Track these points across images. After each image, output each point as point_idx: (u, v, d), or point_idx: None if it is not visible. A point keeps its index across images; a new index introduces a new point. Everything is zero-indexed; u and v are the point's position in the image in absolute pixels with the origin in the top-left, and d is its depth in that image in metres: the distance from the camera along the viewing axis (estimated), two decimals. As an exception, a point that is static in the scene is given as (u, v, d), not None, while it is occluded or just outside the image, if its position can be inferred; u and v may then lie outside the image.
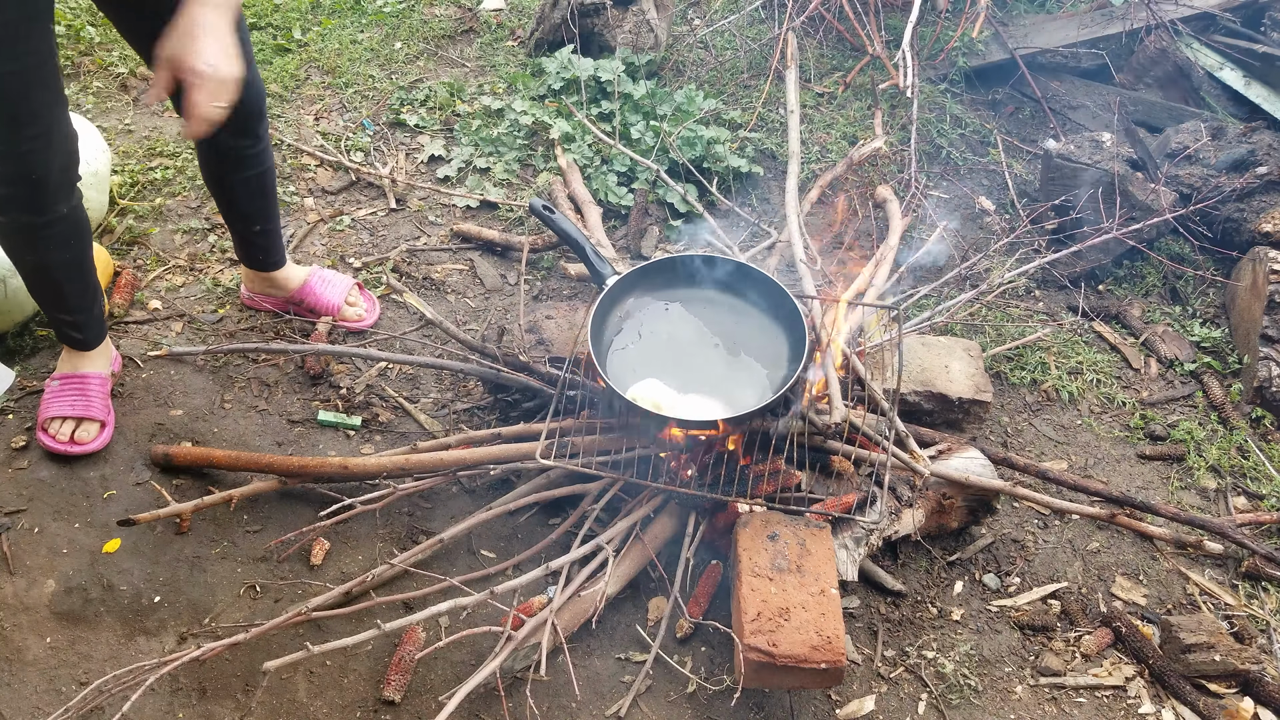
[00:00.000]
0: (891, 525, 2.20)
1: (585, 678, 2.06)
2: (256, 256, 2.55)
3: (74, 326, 2.28)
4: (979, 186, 3.39)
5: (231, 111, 2.02)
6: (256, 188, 2.36)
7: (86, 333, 2.31)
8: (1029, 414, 2.74)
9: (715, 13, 3.94)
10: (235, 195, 2.38)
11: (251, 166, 2.30)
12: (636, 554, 2.17)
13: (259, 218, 2.44)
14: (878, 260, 2.78)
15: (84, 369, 2.34)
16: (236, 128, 2.19)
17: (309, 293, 2.64)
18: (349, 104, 3.43)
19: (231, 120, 2.14)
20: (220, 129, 2.15)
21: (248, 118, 2.18)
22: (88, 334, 2.31)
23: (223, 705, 1.96)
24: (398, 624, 1.87)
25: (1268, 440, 2.72)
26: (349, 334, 2.69)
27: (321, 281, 2.67)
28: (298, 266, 2.67)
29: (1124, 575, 2.38)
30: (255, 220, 2.44)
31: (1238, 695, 2.15)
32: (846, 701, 2.09)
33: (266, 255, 2.55)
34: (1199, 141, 3.18)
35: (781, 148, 3.33)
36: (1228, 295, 3.01)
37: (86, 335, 2.31)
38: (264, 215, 2.44)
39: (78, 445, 2.30)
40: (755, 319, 2.31)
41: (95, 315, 2.30)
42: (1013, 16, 3.86)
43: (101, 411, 2.34)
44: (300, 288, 2.63)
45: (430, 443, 2.32)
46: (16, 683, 1.96)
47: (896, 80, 3.29)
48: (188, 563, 2.17)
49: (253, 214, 2.43)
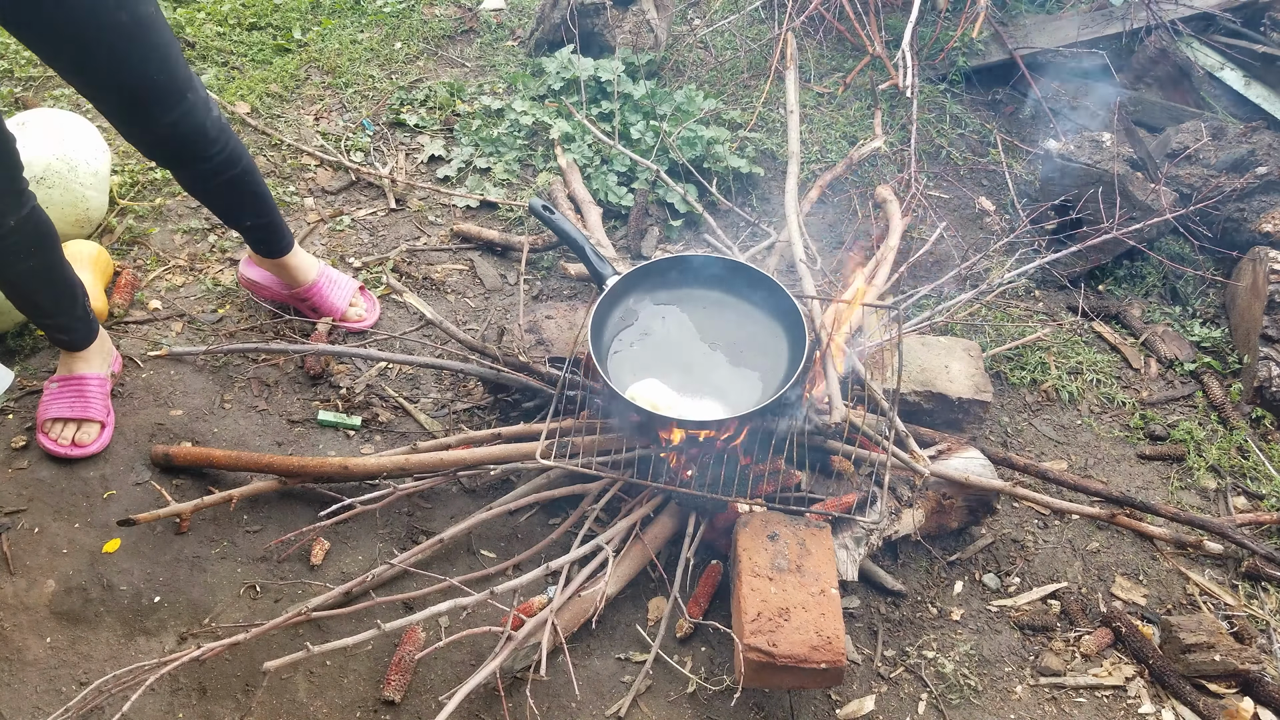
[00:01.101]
0: (891, 525, 2.20)
1: (585, 678, 2.06)
2: (259, 246, 2.54)
3: (58, 329, 2.28)
4: (979, 186, 3.39)
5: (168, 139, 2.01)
6: (238, 187, 2.30)
7: (73, 334, 2.30)
8: (1029, 414, 2.74)
9: (715, 13, 3.94)
10: (216, 199, 2.35)
11: (220, 172, 2.20)
12: (636, 554, 2.17)
13: (251, 214, 2.41)
14: (878, 260, 2.78)
15: (81, 370, 2.33)
16: (189, 155, 2.12)
17: (317, 293, 2.63)
18: (349, 104, 3.43)
19: (172, 146, 2.09)
20: (175, 157, 2.11)
21: (194, 142, 2.09)
22: (74, 335, 2.30)
23: (223, 705, 1.96)
24: (398, 624, 1.87)
25: (1268, 440, 2.72)
26: (348, 334, 2.69)
27: (330, 283, 2.66)
28: (310, 258, 2.64)
29: (1124, 575, 2.38)
30: (247, 217, 2.42)
31: (1238, 695, 2.15)
32: (846, 701, 2.09)
33: (269, 245, 2.53)
34: (1199, 141, 3.18)
35: (781, 148, 3.33)
36: (1228, 295, 3.01)
37: (73, 336, 2.30)
38: (257, 210, 2.41)
39: (78, 448, 2.30)
40: (755, 319, 2.31)
41: (78, 315, 2.28)
42: (1013, 16, 3.86)
43: (101, 412, 2.33)
44: (310, 285, 2.62)
45: (430, 443, 2.32)
46: (16, 683, 1.96)
47: (896, 80, 3.29)
48: (188, 563, 2.17)
49: (242, 212, 2.40)
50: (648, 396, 2.12)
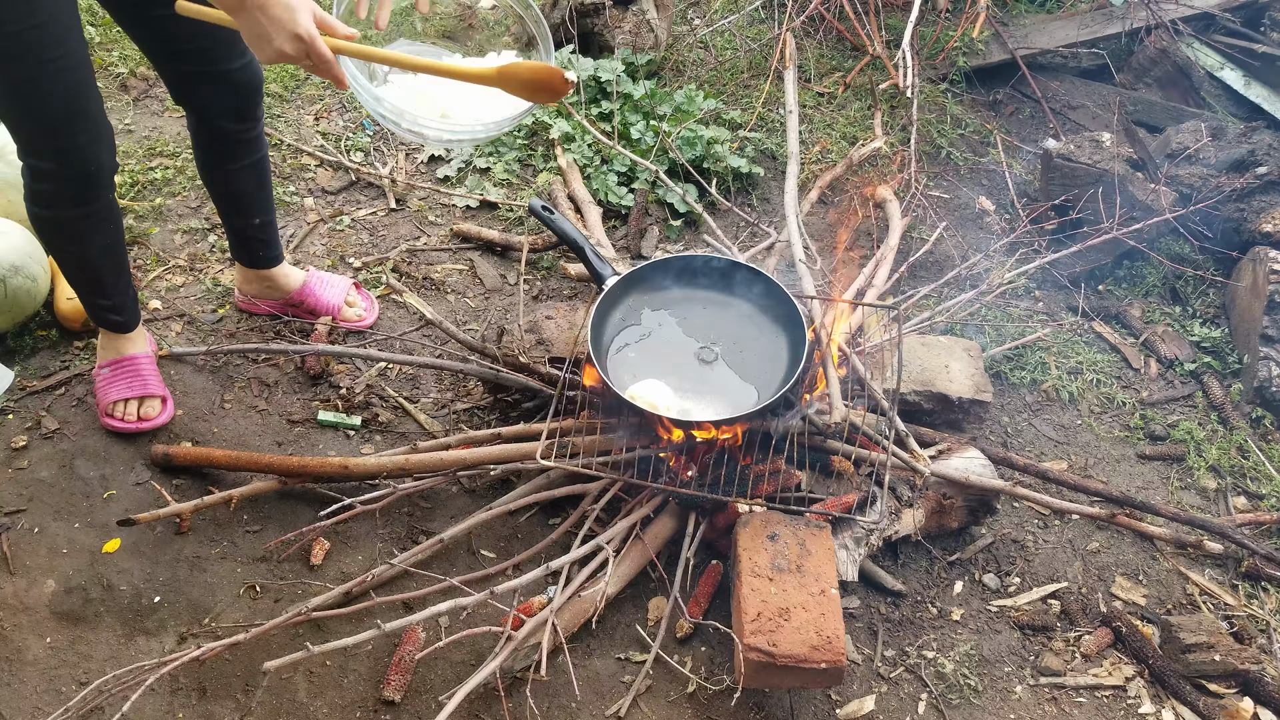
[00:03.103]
0: (892, 525, 2.20)
1: (585, 678, 2.06)
2: (256, 252, 2.54)
3: (114, 310, 2.32)
4: (979, 186, 3.39)
5: (231, 91, 2.07)
6: (255, 176, 2.36)
7: (126, 314, 2.35)
8: (1029, 414, 2.74)
9: (715, 13, 3.94)
10: (235, 187, 2.37)
11: (250, 153, 2.30)
12: (636, 554, 2.17)
13: (259, 209, 2.44)
14: (878, 260, 2.78)
15: (129, 351, 2.38)
16: (237, 110, 2.22)
17: (308, 293, 2.64)
18: (349, 104, 3.43)
19: (231, 100, 2.16)
20: (220, 113, 2.17)
21: (250, 95, 2.20)
22: (127, 315, 2.35)
23: (223, 705, 1.96)
24: (398, 624, 1.87)
25: (1268, 440, 2.72)
26: (348, 334, 2.69)
27: (320, 282, 2.67)
28: (293, 268, 2.66)
29: (1124, 575, 2.38)
30: (255, 212, 2.44)
31: (1238, 695, 2.15)
32: (846, 701, 2.09)
33: (266, 250, 2.54)
34: (1199, 141, 3.18)
35: (781, 148, 3.33)
36: (1228, 295, 3.01)
37: (126, 317, 2.35)
38: (264, 207, 2.44)
39: (146, 421, 2.35)
40: (755, 319, 2.31)
41: (132, 297, 2.35)
42: (1013, 16, 3.87)
43: (159, 388, 2.39)
44: (300, 289, 2.63)
45: (430, 443, 2.32)
46: (16, 683, 1.96)
47: (896, 80, 3.29)
48: (188, 563, 2.17)
49: (253, 206, 2.42)
50: (648, 397, 2.12)
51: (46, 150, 1.96)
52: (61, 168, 1.98)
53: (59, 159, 1.97)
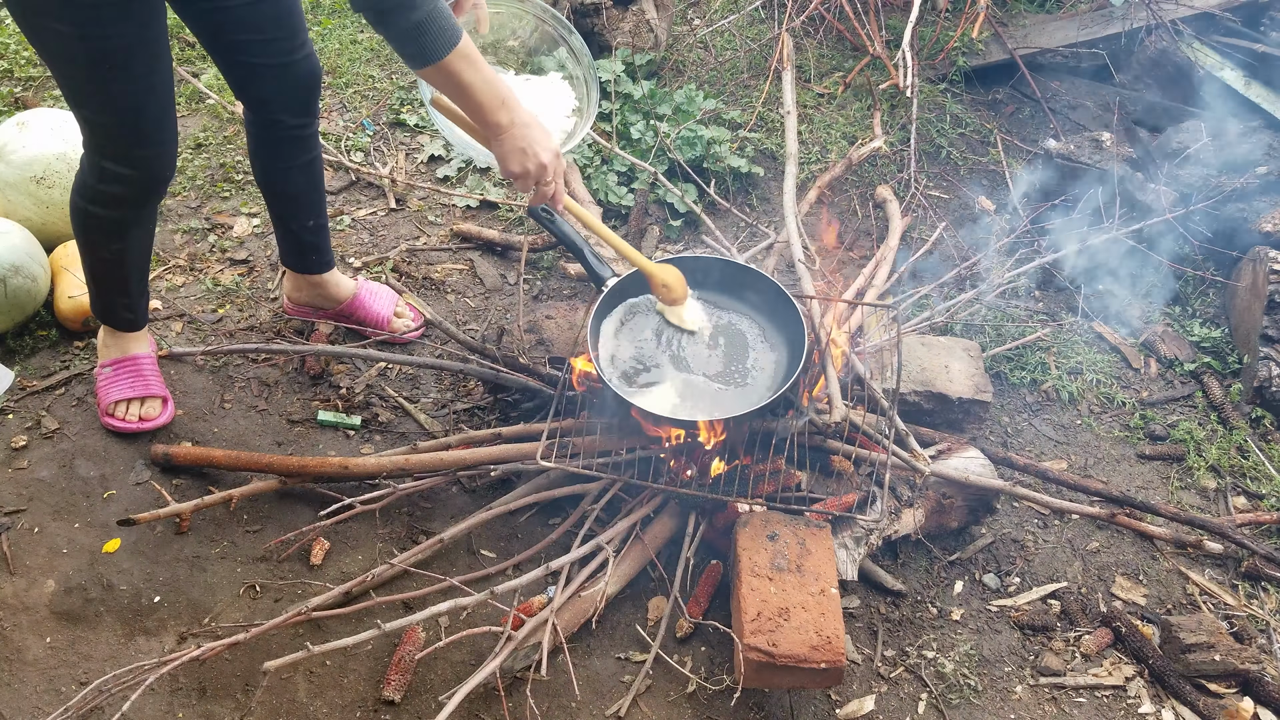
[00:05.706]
0: (891, 525, 2.20)
1: (585, 678, 2.06)
2: (309, 256, 2.51)
3: (128, 309, 2.34)
4: (979, 186, 3.39)
5: (294, 82, 2.16)
6: (309, 176, 2.36)
7: (137, 314, 2.37)
8: (1029, 414, 2.74)
9: (715, 13, 3.94)
10: (292, 187, 2.37)
11: (307, 150, 2.31)
12: (636, 554, 2.17)
13: (314, 210, 2.43)
14: (878, 260, 2.78)
15: (134, 350, 2.38)
16: (296, 105, 2.22)
17: (359, 305, 2.62)
18: (349, 104, 3.44)
19: (293, 92, 2.20)
20: (280, 107, 2.22)
21: (310, 87, 2.21)
22: (138, 315, 2.37)
23: (223, 705, 1.97)
24: (398, 624, 1.87)
25: (1268, 440, 2.72)
26: (349, 334, 2.69)
27: (370, 294, 2.65)
28: (344, 276, 2.64)
29: (1124, 575, 2.38)
30: (310, 214, 2.43)
31: (1238, 695, 2.15)
32: (846, 701, 2.09)
33: (320, 255, 2.52)
34: (1199, 141, 3.18)
35: (781, 148, 3.33)
36: (1228, 295, 3.01)
37: (137, 316, 2.37)
38: (318, 209, 2.44)
39: (147, 422, 2.36)
40: (754, 319, 2.31)
41: (147, 296, 2.38)
42: (1013, 16, 3.86)
43: (160, 388, 2.40)
44: (351, 300, 2.61)
45: (430, 443, 2.32)
46: (16, 683, 1.96)
47: (896, 80, 3.29)
48: (188, 563, 2.17)
49: (307, 207, 2.41)
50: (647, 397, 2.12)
51: (131, 157, 2.00)
52: (138, 174, 2.03)
53: (139, 167, 2.02)
